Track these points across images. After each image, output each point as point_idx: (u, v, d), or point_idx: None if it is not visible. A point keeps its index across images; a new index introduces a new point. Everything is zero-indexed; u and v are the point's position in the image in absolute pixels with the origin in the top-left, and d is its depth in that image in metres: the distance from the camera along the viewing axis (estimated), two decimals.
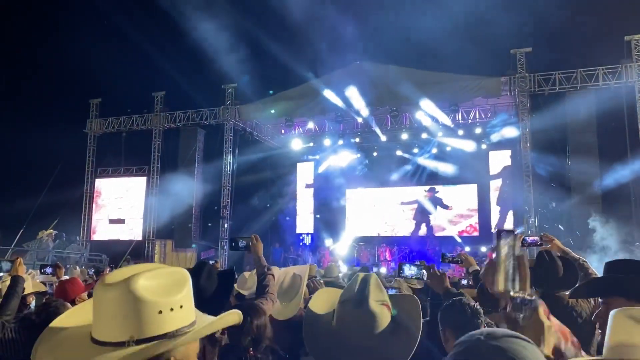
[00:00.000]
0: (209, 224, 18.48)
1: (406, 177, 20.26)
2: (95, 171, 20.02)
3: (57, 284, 4.30)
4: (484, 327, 2.59)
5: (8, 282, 3.53)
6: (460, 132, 18.02)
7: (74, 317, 1.34)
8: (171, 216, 18.61)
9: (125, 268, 1.28)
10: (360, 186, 21.28)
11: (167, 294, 1.23)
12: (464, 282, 4.71)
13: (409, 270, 3.97)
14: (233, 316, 1.42)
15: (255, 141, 19.55)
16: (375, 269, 15.36)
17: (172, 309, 1.22)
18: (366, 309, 1.80)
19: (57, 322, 1.33)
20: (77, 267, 7.83)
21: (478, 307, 2.63)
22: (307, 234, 21.13)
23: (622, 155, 14.22)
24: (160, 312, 1.20)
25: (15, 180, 19.43)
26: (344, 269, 11.23)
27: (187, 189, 18.60)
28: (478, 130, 17.75)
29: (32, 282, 4.49)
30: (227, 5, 17.45)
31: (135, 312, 1.18)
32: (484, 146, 18.64)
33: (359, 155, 20.33)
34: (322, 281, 4.89)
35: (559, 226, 15.02)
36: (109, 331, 1.18)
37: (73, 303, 3.72)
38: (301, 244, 20.85)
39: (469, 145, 18.73)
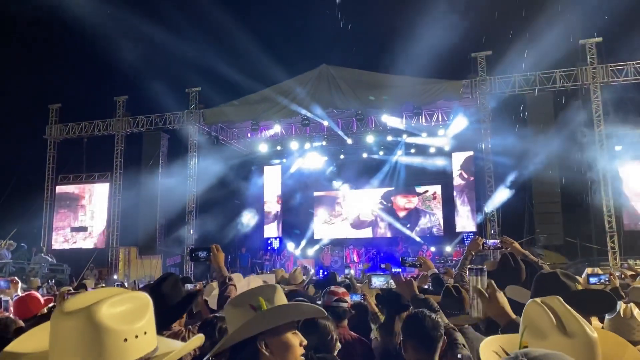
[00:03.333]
0: (175, 230, 18.20)
1: (372, 179, 20.45)
2: (56, 178, 19.47)
3: (15, 299, 4.15)
4: (443, 339, 2.66)
5: None
6: (424, 134, 18.30)
7: (31, 341, 1.30)
8: (135, 222, 18.25)
9: (83, 294, 1.23)
10: (328, 189, 21.38)
11: (131, 321, 1.19)
12: (425, 286, 4.77)
13: (377, 281, 4.12)
14: (196, 341, 1.41)
15: (221, 145, 19.35)
16: (347, 271, 15.43)
17: (136, 336, 1.19)
18: None
19: (12, 347, 1.28)
20: (37, 278, 7.59)
21: (438, 319, 2.70)
22: (275, 237, 21.07)
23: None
24: (125, 340, 1.16)
25: None
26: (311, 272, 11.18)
27: (151, 194, 18.26)
28: (441, 132, 18.04)
29: None
30: (190, 7, 17.29)
31: (99, 342, 1.13)
32: (447, 147, 18.98)
33: (326, 158, 20.41)
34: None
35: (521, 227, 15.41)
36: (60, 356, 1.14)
37: (33, 319, 3.61)
38: (269, 248, 20.77)
39: (432, 147, 19.08)
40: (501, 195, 15.49)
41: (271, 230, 21.41)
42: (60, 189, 19.49)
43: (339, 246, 19.65)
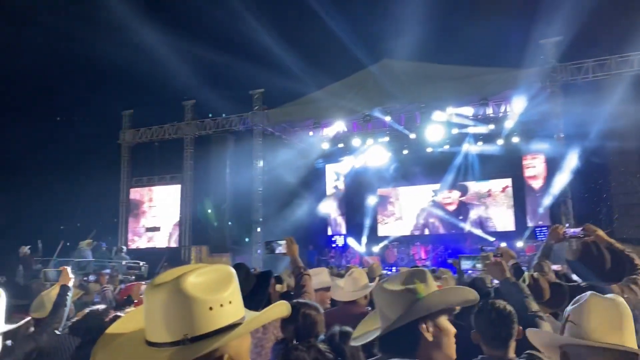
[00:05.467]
0: (242, 229, 18.67)
1: (438, 174, 20.05)
2: (130, 181, 20.48)
3: (123, 287, 4.43)
4: (518, 328, 2.56)
5: (56, 291, 3.64)
6: (491, 126, 17.75)
7: (128, 323, 1.36)
8: (206, 222, 18.89)
9: (173, 269, 1.29)
10: (391, 185, 21.18)
11: (215, 290, 1.24)
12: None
13: (466, 264, 4.14)
14: (281, 307, 1.43)
15: (284, 144, 19.66)
16: None
17: (221, 305, 1.23)
18: None
19: (112, 329, 1.35)
20: (118, 275, 8.03)
21: (510, 311, 2.59)
22: (340, 235, 21.12)
23: None
24: (211, 308, 1.22)
25: (53, 192, 19.99)
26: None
27: (219, 194, 18.85)
28: (509, 123, 17.44)
29: (75, 290, 4.63)
30: (252, 9, 17.65)
31: (186, 311, 1.19)
32: (516, 139, 18.31)
33: (389, 154, 20.20)
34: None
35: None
36: (162, 332, 1.20)
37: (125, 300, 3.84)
38: (334, 245, 20.85)
39: (500, 139, 18.43)
40: (575, 185, 14.78)
41: (335, 228, 21.49)
42: (134, 191, 20.49)
43: (405, 243, 19.43)
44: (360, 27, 16.89)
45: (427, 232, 20.51)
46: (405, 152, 19.98)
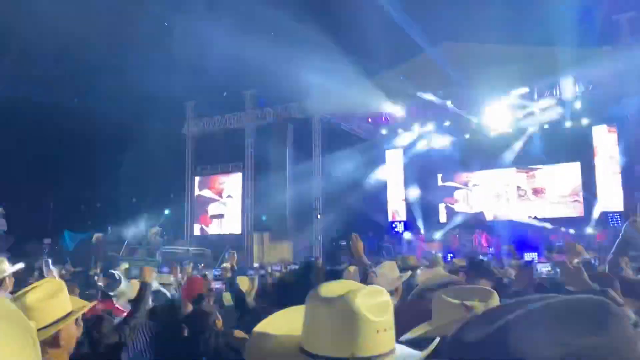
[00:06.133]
0: (303, 216, 18.92)
1: (502, 159, 19.44)
2: (194, 170, 21.17)
3: (185, 282, 4.63)
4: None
5: (137, 285, 3.86)
6: (559, 108, 16.98)
7: (278, 323, 1.38)
8: (267, 209, 19.28)
9: (333, 284, 1.30)
10: (453, 171, 20.76)
11: (380, 313, 1.24)
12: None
13: (543, 268, 3.74)
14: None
15: (343, 131, 19.66)
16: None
17: (385, 330, 1.23)
18: None
19: (260, 327, 1.37)
20: (189, 265, 8.39)
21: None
22: (400, 221, 20.96)
23: None
24: (377, 331, 1.21)
25: (122, 182, 20.97)
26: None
27: (280, 182, 19.16)
28: (578, 105, 16.63)
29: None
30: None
31: (357, 330, 1.19)
32: (585, 121, 17.44)
33: (450, 139, 19.76)
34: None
35: None
36: (327, 346, 1.20)
37: (197, 298, 4.02)
38: (394, 231, 20.74)
39: (568, 121, 17.61)
40: None
41: (396, 214, 21.35)
42: (198, 180, 21.18)
43: (467, 230, 19.04)
44: (418, 10, 16.47)
45: (489, 218, 20.00)
46: (467, 136, 19.50)
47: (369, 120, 19.75)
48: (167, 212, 18.89)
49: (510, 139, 19.06)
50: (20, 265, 4.88)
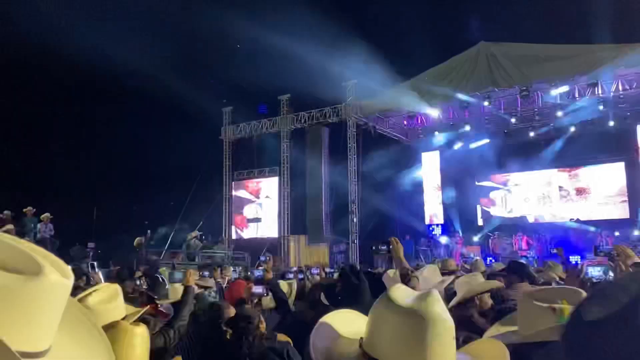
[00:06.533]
0: (339, 219, 18.94)
1: (542, 159, 18.99)
2: (232, 174, 21.49)
3: (228, 285, 4.70)
4: None
5: (180, 289, 3.94)
6: (601, 107, 16.47)
7: (342, 323, 1.41)
8: (303, 213, 19.39)
9: (401, 289, 1.30)
10: (491, 172, 20.41)
11: (450, 320, 1.25)
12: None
13: (594, 271, 3.60)
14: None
15: (379, 135, 19.59)
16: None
17: (453, 337, 1.23)
18: None
19: (327, 320, 1.42)
20: (230, 268, 8.49)
21: None
22: (437, 224, 20.72)
23: None
24: (453, 337, 1.23)
25: (161, 187, 21.45)
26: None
27: (316, 185, 19.22)
28: (622, 105, 16.10)
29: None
30: (341, 2, 17.68)
31: (436, 336, 1.18)
32: (628, 120, 16.88)
33: (488, 140, 19.44)
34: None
35: None
36: (396, 351, 1.19)
37: (240, 301, 4.08)
38: (431, 235, 20.51)
39: (611, 121, 17.06)
40: None
41: (433, 217, 21.11)
42: (236, 184, 21.50)
43: (506, 233, 18.65)
44: (454, 10, 16.30)
45: (530, 220, 19.55)
46: (505, 137, 19.14)
47: (405, 122, 19.61)
48: (205, 216, 19.18)
49: (550, 138, 18.60)
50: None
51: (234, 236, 20.91)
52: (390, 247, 4.28)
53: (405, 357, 1.17)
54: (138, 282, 5.80)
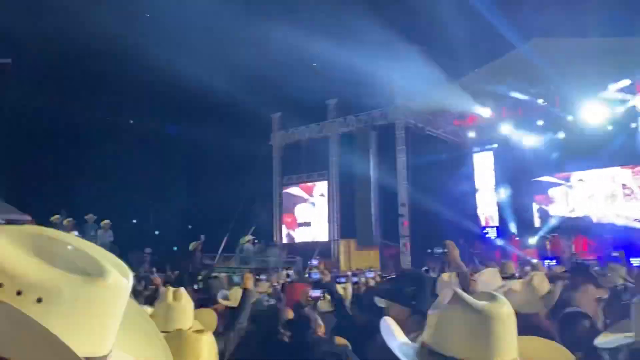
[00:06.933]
0: (389, 222, 18.77)
1: (601, 157, 18.15)
2: (282, 179, 21.75)
3: (286, 288, 4.74)
4: None
5: (238, 292, 4.00)
6: None
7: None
8: (353, 216, 19.35)
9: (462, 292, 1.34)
10: (548, 171, 19.68)
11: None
12: None
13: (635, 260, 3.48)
14: None
15: (428, 136, 19.32)
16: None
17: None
18: None
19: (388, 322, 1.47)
20: (283, 272, 8.57)
21: None
22: (492, 226, 20.18)
23: None
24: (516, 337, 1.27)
25: (214, 193, 21.90)
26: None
27: (365, 189, 19.15)
28: None
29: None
30: (385, 4, 17.57)
31: (505, 334, 1.24)
32: None
33: (544, 138, 18.75)
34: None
35: None
36: (465, 348, 1.23)
37: (298, 304, 4.09)
38: (486, 237, 20.01)
39: None
40: None
41: (487, 219, 20.59)
42: (286, 188, 21.72)
43: (565, 234, 17.92)
44: (505, 7, 15.87)
45: (590, 221, 18.73)
46: (561, 135, 18.42)
47: (456, 122, 19.24)
48: (257, 221, 19.45)
49: (610, 135, 17.78)
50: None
51: (285, 239, 21.12)
52: (446, 250, 4.20)
53: (471, 352, 1.21)
54: (196, 286, 5.94)
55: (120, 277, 0.73)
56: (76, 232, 13.06)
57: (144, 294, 6.20)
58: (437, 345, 1.27)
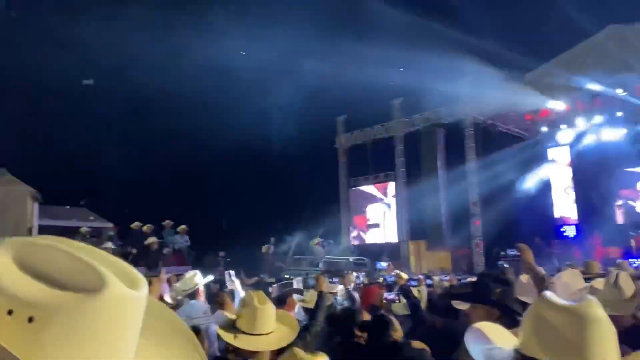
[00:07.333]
0: (460, 222, 18.33)
1: None
2: (348, 181, 21.82)
3: (362, 290, 4.80)
4: None
5: (314, 295, 4.08)
6: None
7: (489, 331, 1.46)
8: (422, 217, 19.07)
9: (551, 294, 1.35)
10: (631, 165, 18.50)
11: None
12: None
13: None
14: None
15: (499, 132, 18.74)
16: None
17: None
18: None
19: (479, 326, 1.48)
20: (353, 274, 8.61)
21: None
22: (570, 224, 19.23)
23: None
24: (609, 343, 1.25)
25: (282, 196, 22.27)
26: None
27: (433, 189, 18.84)
28: None
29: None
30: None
31: (602, 336, 1.22)
32: None
33: (624, 131, 17.68)
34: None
35: None
36: (554, 352, 1.23)
37: (372, 306, 4.12)
38: (563, 236, 19.10)
39: None
40: None
41: (563, 217, 19.65)
42: (353, 191, 21.77)
43: None
44: None
45: None
46: None
47: (528, 117, 18.53)
48: (325, 223, 19.60)
49: None
50: (210, 278, 5.46)
51: (353, 242, 21.14)
52: (519, 252, 4.09)
53: (566, 357, 1.18)
54: (270, 289, 6.10)
55: (124, 289, 0.65)
56: (155, 238, 13.72)
57: (222, 296, 6.42)
58: (528, 349, 1.26)
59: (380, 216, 20.97)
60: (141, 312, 0.68)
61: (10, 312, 0.60)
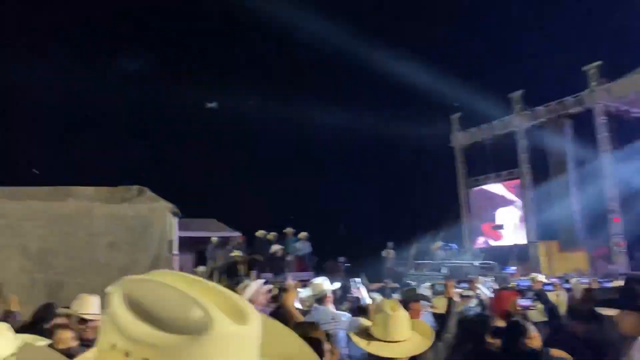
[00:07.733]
0: (597, 219, 16.82)
1: None
2: (467, 181, 21.07)
3: (494, 296, 4.63)
4: None
5: (443, 301, 3.99)
6: None
7: None
8: (551, 215, 17.83)
9: None
10: None
11: None
12: None
13: None
14: None
15: (635, 119, 16.99)
16: None
17: None
18: None
19: None
20: (480, 278, 8.29)
21: None
22: None
23: None
24: None
25: (399, 199, 22.06)
26: None
27: (563, 185, 17.55)
28: None
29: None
30: None
31: None
32: None
33: None
34: None
35: None
36: None
37: (507, 313, 3.94)
38: None
39: None
40: None
41: None
42: (473, 190, 20.97)
43: None
44: None
45: None
46: None
47: None
48: (445, 226, 19.09)
49: None
50: (337, 284, 5.57)
51: (477, 244, 20.33)
52: None
53: None
54: (395, 295, 6.06)
55: (231, 327, 0.65)
56: (279, 245, 14.31)
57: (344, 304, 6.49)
58: None
59: (506, 216, 19.96)
60: (253, 346, 0.68)
61: (127, 355, 0.63)
